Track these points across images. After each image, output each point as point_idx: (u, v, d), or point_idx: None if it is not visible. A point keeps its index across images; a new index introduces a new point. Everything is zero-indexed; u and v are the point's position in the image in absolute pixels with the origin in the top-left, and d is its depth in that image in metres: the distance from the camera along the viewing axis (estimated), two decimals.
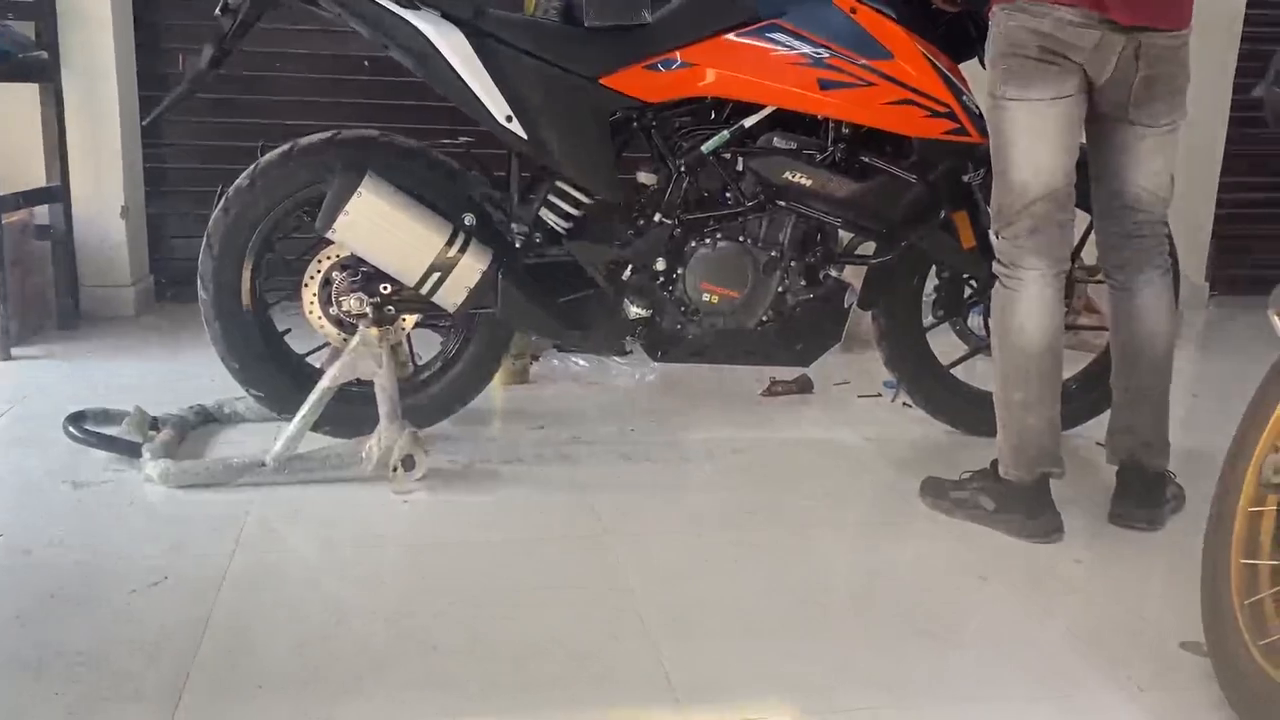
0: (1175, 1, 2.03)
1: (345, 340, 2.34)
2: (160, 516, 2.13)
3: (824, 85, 2.26)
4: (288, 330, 2.51)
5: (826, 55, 2.25)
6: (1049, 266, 2.07)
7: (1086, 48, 1.97)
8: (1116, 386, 2.27)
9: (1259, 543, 1.54)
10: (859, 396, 3.05)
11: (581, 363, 3.13)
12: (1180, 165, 2.24)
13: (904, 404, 2.87)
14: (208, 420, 2.61)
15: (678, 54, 2.28)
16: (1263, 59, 1.48)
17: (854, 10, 2.26)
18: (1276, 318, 1.15)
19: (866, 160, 2.37)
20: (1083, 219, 2.29)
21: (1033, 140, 2.02)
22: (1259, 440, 1.53)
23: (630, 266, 2.41)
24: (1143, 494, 2.21)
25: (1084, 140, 2.14)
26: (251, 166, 2.35)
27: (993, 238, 2.15)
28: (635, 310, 2.40)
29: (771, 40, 2.27)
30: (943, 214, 2.45)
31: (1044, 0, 1.96)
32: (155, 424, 2.46)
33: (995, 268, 2.13)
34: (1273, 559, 1.51)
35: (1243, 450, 1.56)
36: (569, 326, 2.44)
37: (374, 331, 2.27)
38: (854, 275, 2.58)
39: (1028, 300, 2.07)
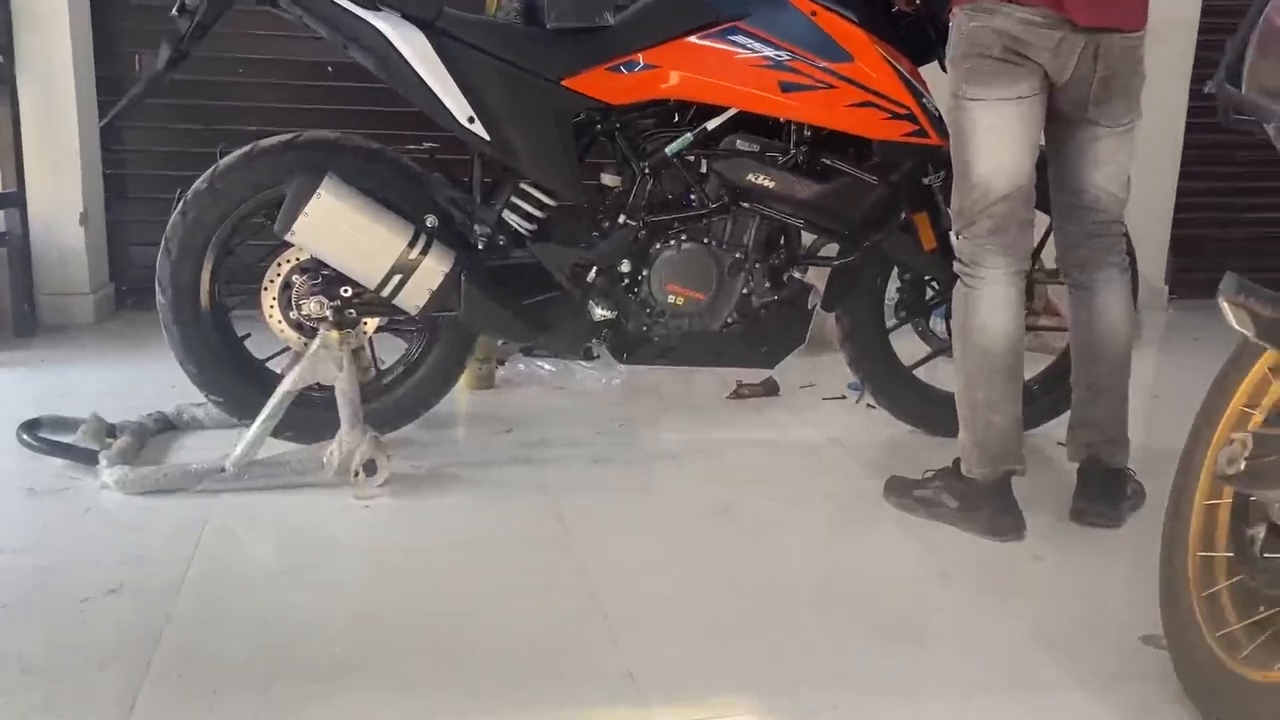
0: (1133, 3, 2.06)
1: (306, 344, 2.32)
2: (117, 524, 2.10)
3: (785, 88, 2.27)
4: (247, 335, 2.48)
5: (787, 58, 2.26)
6: (1010, 266, 2.09)
7: (1048, 48, 1.99)
8: (1076, 384, 2.29)
9: (1215, 535, 1.56)
10: (824, 398, 3.06)
11: (548, 367, 3.12)
12: (1138, 168, 2.27)
13: (868, 405, 2.88)
14: (167, 427, 2.58)
15: (640, 56, 2.29)
16: (1218, 62, 1.50)
17: (814, 13, 2.27)
18: (1226, 305, 1.17)
19: (828, 162, 2.38)
20: (1043, 220, 2.31)
21: (994, 140, 2.04)
22: (1214, 434, 1.55)
23: (595, 268, 2.40)
24: (1103, 491, 2.23)
25: (1043, 141, 2.16)
26: (210, 169, 2.32)
27: (954, 238, 2.16)
28: (600, 312, 2.40)
29: (733, 43, 2.28)
30: (904, 216, 2.47)
31: (1006, 1, 1.98)
32: (113, 431, 2.42)
33: (956, 267, 2.15)
34: (1228, 551, 1.53)
35: (1198, 444, 1.58)
36: (533, 329, 2.43)
37: (335, 335, 2.25)
38: (818, 277, 2.59)
39: (989, 299, 2.09)
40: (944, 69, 2.39)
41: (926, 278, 2.66)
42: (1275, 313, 1.13)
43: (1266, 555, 1.42)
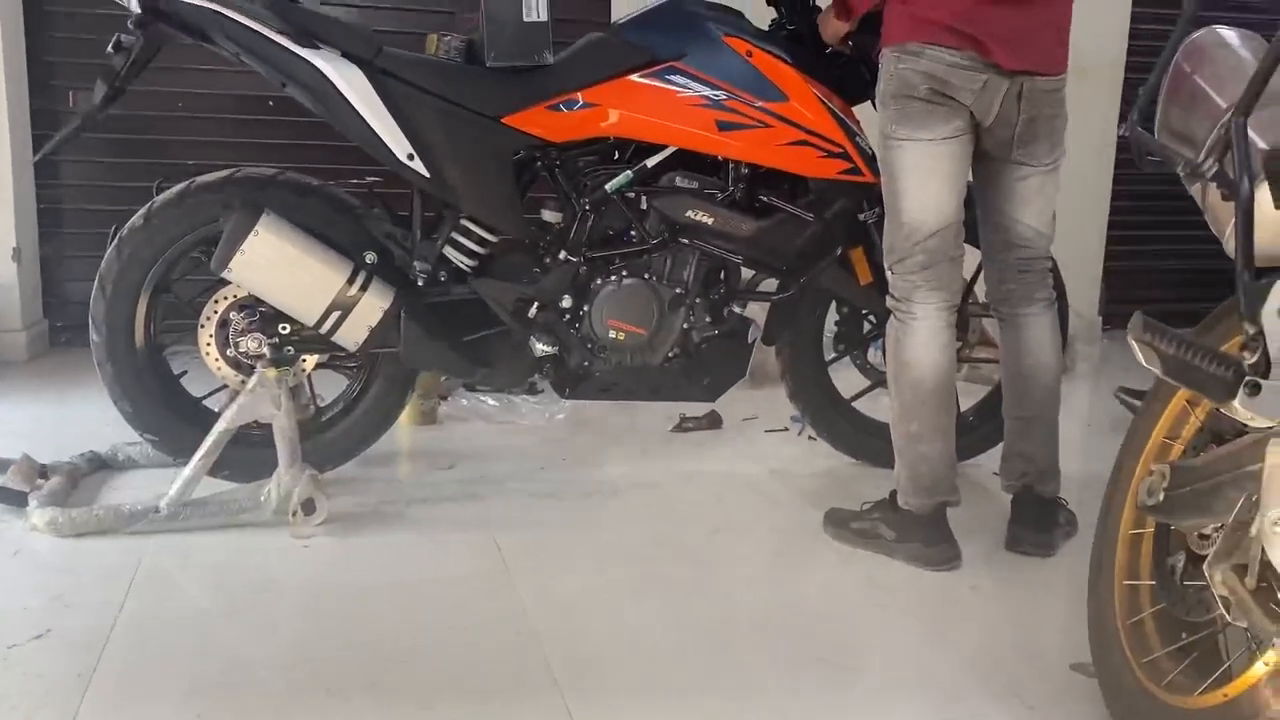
0: (1054, 48, 2.13)
1: (243, 382, 2.29)
2: (46, 567, 2.05)
3: (722, 126, 2.31)
4: (183, 372, 2.45)
5: (724, 97, 2.31)
6: (941, 301, 2.14)
7: (972, 90, 2.05)
8: (1007, 415, 2.34)
9: (1139, 564, 1.60)
10: (766, 431, 3.09)
11: (491, 402, 3.11)
12: (1070, 203, 2.34)
13: (810, 437, 2.92)
14: (100, 466, 2.52)
15: (580, 95, 2.31)
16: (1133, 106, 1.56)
17: (750, 54, 2.32)
18: (1135, 344, 1.21)
19: (765, 199, 2.42)
20: (975, 255, 2.37)
21: (923, 178, 2.09)
22: (1135, 465, 1.60)
23: (536, 304, 2.41)
24: (1036, 520, 2.28)
25: (971, 179, 2.22)
26: (147, 205, 2.30)
27: (887, 273, 2.20)
28: (542, 348, 2.41)
29: (671, 82, 2.31)
30: (840, 251, 2.51)
31: (932, 44, 2.04)
32: (44, 471, 2.37)
33: (889, 302, 2.19)
34: (1151, 580, 1.57)
35: (1121, 475, 1.63)
36: (474, 364, 2.43)
37: (272, 373, 2.23)
38: (758, 311, 2.62)
39: (921, 333, 2.13)
40: (876, 108, 2.46)
41: (864, 311, 2.70)
42: (1179, 351, 1.17)
43: (1186, 583, 1.46)
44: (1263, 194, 1.19)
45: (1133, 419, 1.64)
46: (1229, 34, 1.53)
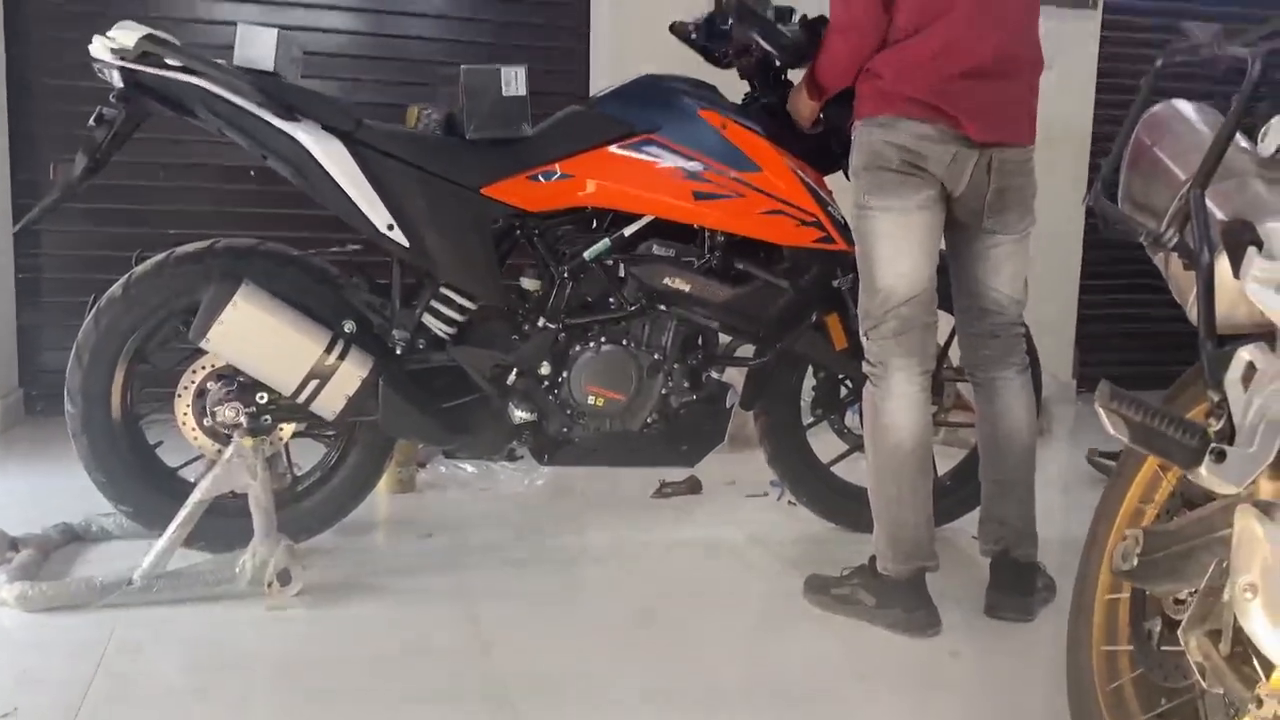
0: (1022, 120, 2.19)
1: (220, 452, 2.28)
2: (15, 643, 2.02)
3: (698, 196, 2.35)
4: (159, 443, 2.43)
5: (700, 168, 2.35)
6: (915, 366, 2.16)
7: (943, 161, 2.10)
8: (984, 480, 2.36)
9: (1116, 630, 1.59)
10: (747, 496, 3.09)
11: (469, 469, 3.10)
12: (1043, 267, 2.38)
13: (789, 502, 2.92)
14: (73, 538, 2.49)
15: (558, 166, 2.35)
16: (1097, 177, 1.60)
17: (724, 126, 2.37)
18: (1101, 411, 1.23)
19: (741, 267, 2.45)
20: (950, 321, 2.40)
21: (896, 246, 2.13)
22: (1110, 529, 1.60)
23: (515, 371, 2.42)
24: (1015, 585, 2.28)
25: (944, 246, 2.26)
26: (125, 276, 2.31)
27: (862, 338, 2.23)
28: (520, 414, 2.41)
29: (648, 153, 2.36)
30: (815, 317, 2.54)
31: (903, 117, 2.09)
32: (15, 544, 2.34)
33: (865, 368, 2.21)
34: (1129, 645, 1.56)
35: (1096, 540, 1.63)
36: (452, 432, 2.43)
37: (248, 441, 2.22)
38: (736, 376, 2.64)
39: (896, 398, 2.15)
40: (848, 178, 2.50)
41: (840, 376, 2.72)
42: (1146, 419, 1.19)
43: (1164, 649, 1.46)
44: (1222, 264, 1.22)
45: (1106, 484, 1.65)
46: (1187, 107, 1.57)
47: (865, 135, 2.14)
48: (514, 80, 2.31)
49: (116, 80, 2.18)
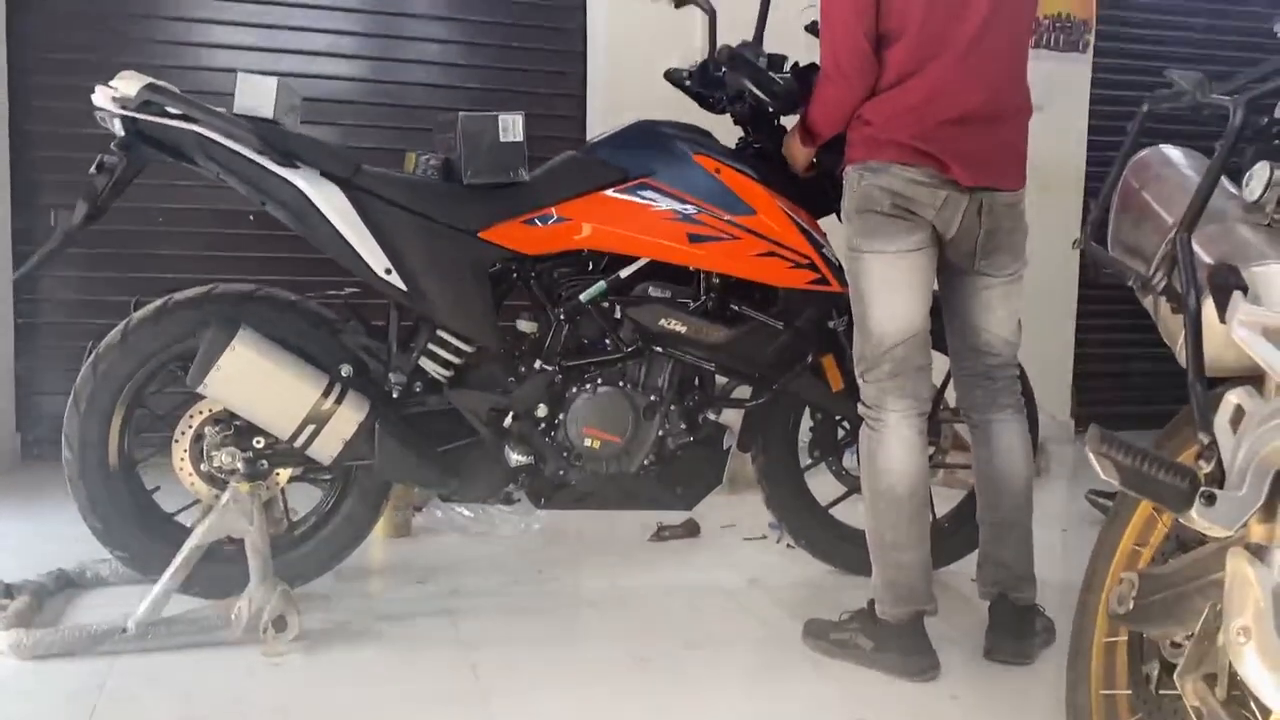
0: (1011, 165, 2.21)
1: (216, 497, 2.28)
2: (8, 692, 2.00)
3: (693, 239, 2.37)
4: (156, 488, 2.43)
5: (694, 211, 2.37)
6: (910, 408, 2.16)
7: (933, 205, 2.12)
8: (982, 522, 2.36)
9: (1115, 673, 1.59)
10: (745, 539, 3.08)
11: (466, 513, 3.09)
12: (1039, 307, 2.39)
13: (788, 545, 2.91)
14: (68, 585, 2.48)
15: (554, 210, 2.37)
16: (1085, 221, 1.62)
17: (718, 170, 2.39)
18: (1092, 456, 1.23)
19: (736, 308, 2.46)
20: (946, 361, 2.41)
21: (888, 289, 2.14)
22: (1107, 572, 1.60)
23: (512, 414, 2.43)
24: (1013, 628, 2.27)
25: (938, 289, 2.28)
26: (123, 322, 2.32)
27: (858, 380, 2.23)
28: (517, 458, 2.41)
29: (643, 197, 2.38)
30: (811, 358, 2.55)
31: (894, 161, 2.11)
32: (9, 591, 2.32)
33: (860, 410, 2.22)
34: (1128, 689, 1.56)
35: (1093, 583, 1.63)
36: (449, 476, 2.42)
37: (245, 487, 2.22)
38: (734, 418, 2.64)
39: (892, 441, 2.15)
40: (841, 221, 2.52)
41: (838, 417, 2.72)
42: (1136, 463, 1.19)
43: (1162, 693, 1.45)
44: (1209, 308, 1.23)
45: (1101, 526, 1.65)
46: (1173, 152, 1.59)
47: (855, 180, 2.16)
48: (511, 127, 2.33)
49: (118, 128, 2.20)
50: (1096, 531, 1.69)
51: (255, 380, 2.22)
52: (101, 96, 2.19)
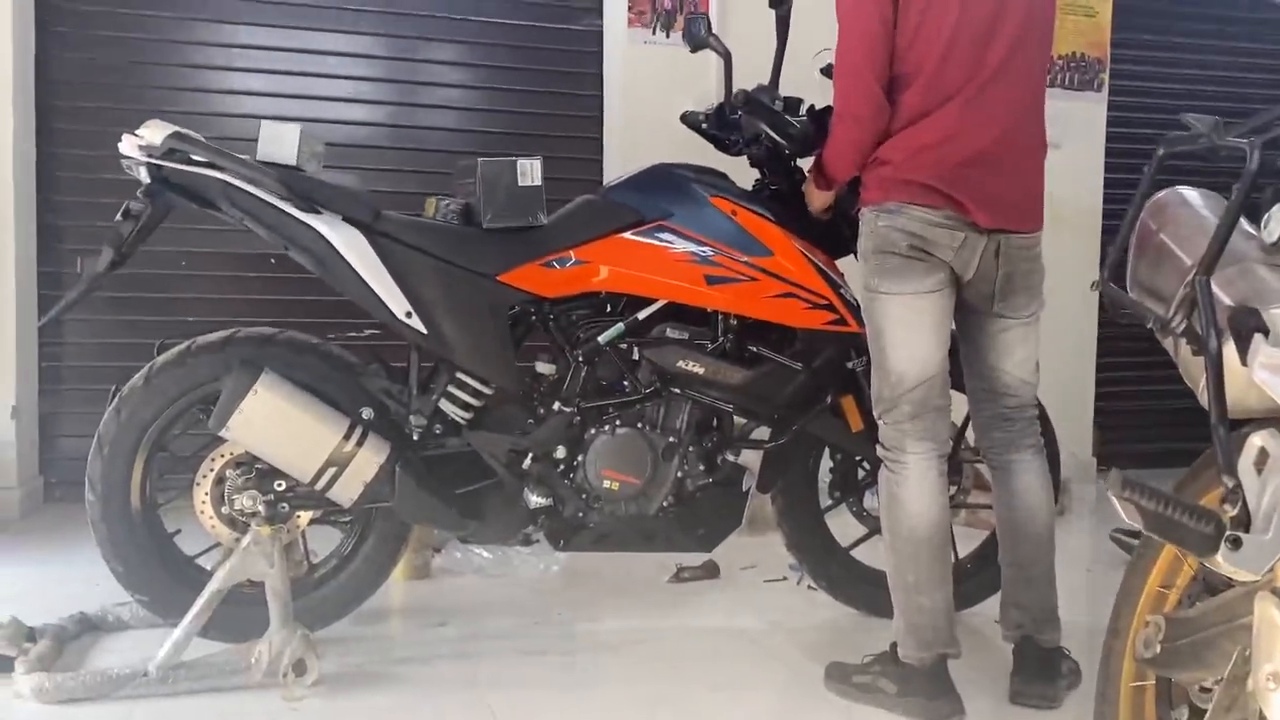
0: (1029, 207, 2.22)
1: (237, 540, 2.28)
2: None
3: (711, 280, 2.38)
4: (177, 531, 2.44)
5: (712, 253, 2.38)
6: (930, 449, 2.15)
7: (952, 247, 2.12)
8: (1004, 564, 2.34)
9: (1143, 718, 1.57)
10: (765, 580, 3.06)
11: (485, 554, 3.08)
12: (1060, 345, 2.38)
13: (809, 586, 2.89)
14: (89, 628, 2.49)
15: (572, 252, 2.39)
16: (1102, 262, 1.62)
17: (735, 212, 2.41)
18: (1115, 500, 1.22)
19: (755, 349, 2.47)
20: (965, 401, 2.40)
21: (906, 331, 2.14)
22: (1132, 615, 1.58)
23: (530, 455, 2.43)
24: (1039, 671, 2.24)
25: (955, 330, 2.27)
26: (147, 366, 2.34)
27: (878, 421, 2.22)
28: (536, 499, 2.41)
29: (660, 240, 2.39)
30: (830, 399, 2.54)
31: (911, 203, 2.11)
32: (32, 635, 2.33)
33: (880, 452, 2.21)
34: None
35: (1119, 625, 1.61)
36: (468, 518, 2.42)
37: (266, 530, 2.23)
38: (753, 459, 2.63)
39: (912, 482, 2.14)
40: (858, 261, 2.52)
41: (858, 458, 2.71)
42: (1159, 507, 1.18)
43: None
44: (1229, 350, 1.23)
45: (1126, 568, 1.64)
46: (1191, 193, 1.60)
47: (873, 220, 2.17)
48: (529, 171, 2.36)
49: (143, 176, 2.24)
50: (1121, 572, 1.68)
51: (277, 423, 2.23)
52: (128, 144, 2.23)
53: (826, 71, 2.35)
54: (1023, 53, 2.15)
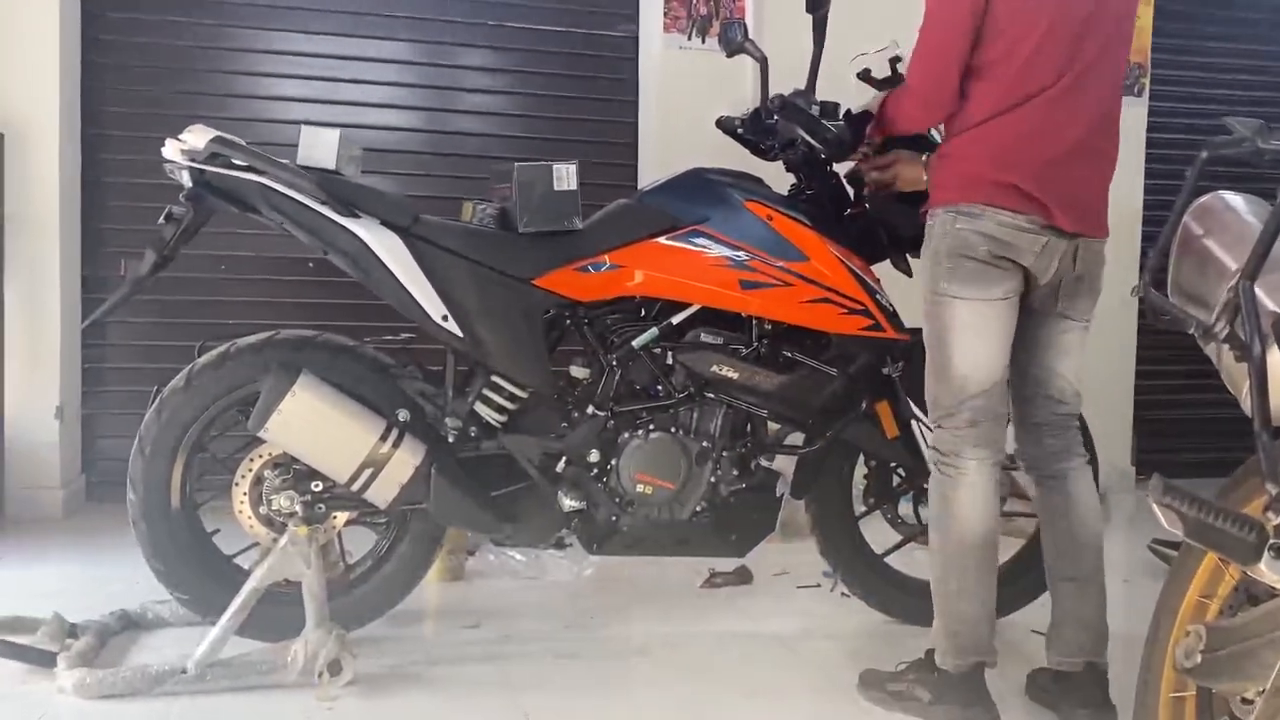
0: (1102, 210, 2.17)
1: (274, 540, 2.31)
2: None
3: (745, 285, 2.38)
4: (216, 530, 2.47)
5: (747, 258, 2.38)
6: (988, 456, 2.11)
7: (1034, 251, 2.05)
8: (1059, 579, 2.24)
9: None
10: (798, 587, 3.05)
11: (518, 557, 3.10)
12: (1099, 353, 2.34)
13: (842, 593, 2.87)
14: (130, 625, 2.52)
15: (607, 257, 2.39)
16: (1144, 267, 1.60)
17: (770, 218, 2.40)
18: (1156, 507, 1.21)
19: (789, 354, 2.46)
20: None
21: (973, 337, 2.08)
22: (1172, 625, 1.56)
23: (565, 459, 2.44)
24: (1102, 699, 2.16)
25: None
26: (188, 368, 2.37)
27: (934, 427, 2.17)
28: (570, 503, 2.42)
29: (695, 244, 2.39)
30: (865, 405, 2.53)
31: (995, 205, 2.03)
32: (74, 631, 2.37)
33: (933, 457, 2.16)
34: None
35: (1158, 635, 1.59)
36: (502, 520, 2.43)
37: (303, 530, 2.25)
38: (787, 465, 2.63)
39: (967, 489, 2.10)
40: (901, 269, 2.51)
41: (892, 465, 2.70)
42: (1199, 513, 1.17)
43: None
44: (1274, 356, 1.21)
45: (1166, 577, 1.62)
46: (1234, 198, 1.57)
47: (949, 222, 2.08)
48: (565, 176, 2.37)
49: (186, 180, 2.27)
50: (1159, 583, 1.65)
51: (315, 424, 2.26)
52: (171, 149, 2.26)
53: (864, 76, 2.35)
54: (1111, 52, 2.09)
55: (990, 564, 2.13)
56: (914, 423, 2.52)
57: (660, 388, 2.47)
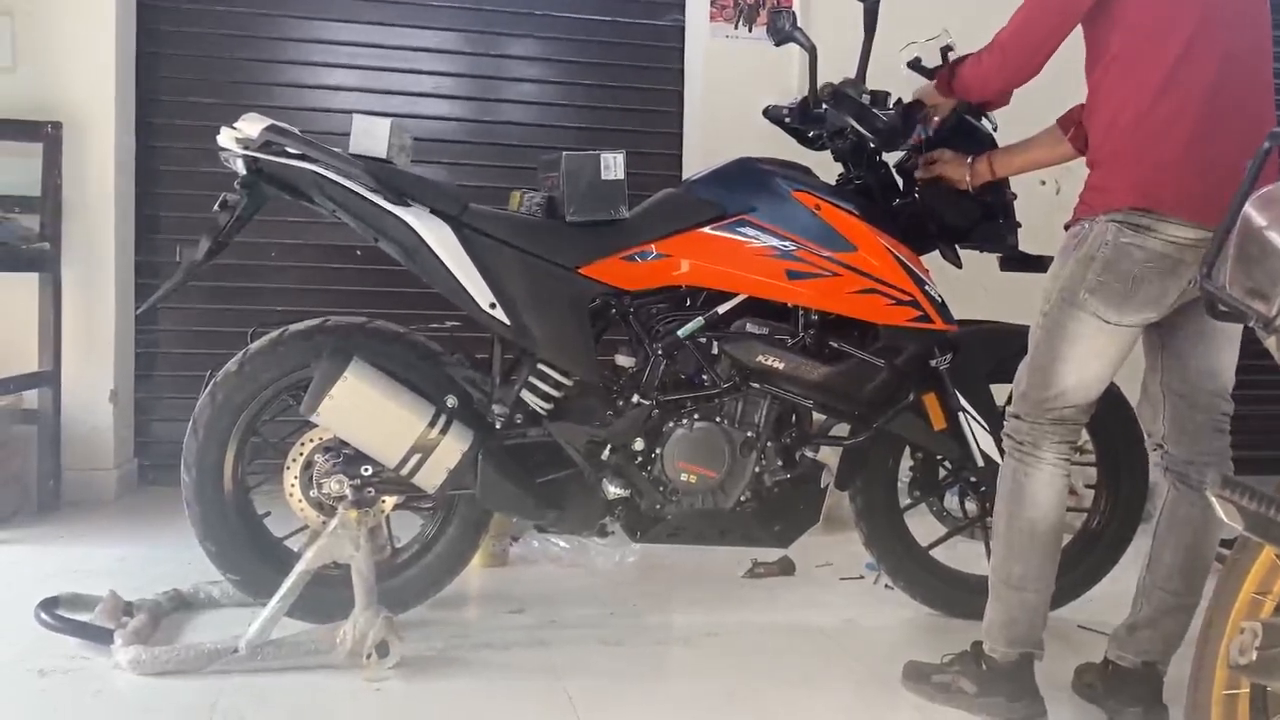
0: None
1: (324, 523, 2.34)
2: (126, 705, 2.08)
3: (792, 275, 2.37)
4: (267, 513, 2.51)
5: (794, 248, 2.37)
6: (1067, 451, 2.09)
7: (1196, 263, 1.86)
8: (1161, 589, 2.13)
9: None
10: (841, 578, 3.04)
11: (561, 544, 3.11)
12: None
13: (886, 586, 2.86)
14: (182, 605, 2.57)
15: (653, 246, 2.40)
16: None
17: (818, 207, 2.39)
18: (1215, 500, 1.19)
19: (835, 345, 2.45)
20: None
21: (1091, 358, 2.03)
22: (1226, 622, 1.54)
23: (609, 446, 2.45)
24: (1155, 700, 2.12)
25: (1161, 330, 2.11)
26: (241, 352, 2.41)
27: (1011, 417, 2.13)
28: (614, 490, 2.43)
29: (742, 234, 2.39)
30: (912, 396, 2.51)
31: (1170, 215, 1.91)
32: (129, 609, 2.43)
33: (1008, 443, 2.13)
34: None
35: (1211, 633, 1.57)
36: (547, 507, 2.45)
37: (353, 514, 2.28)
38: (831, 456, 2.62)
39: (1042, 478, 2.07)
40: (951, 260, 2.49)
41: (939, 457, 2.68)
42: (1260, 507, 1.15)
43: None
44: None
45: (1220, 574, 1.59)
46: None
47: (1113, 233, 1.94)
48: (612, 165, 2.38)
49: (240, 168, 2.30)
50: (1212, 581, 1.63)
51: (366, 409, 2.29)
52: (225, 137, 2.29)
53: (914, 64, 2.33)
54: (1267, 42, 2.02)
55: (1054, 555, 2.10)
56: (962, 415, 2.50)
57: (705, 377, 2.47)
